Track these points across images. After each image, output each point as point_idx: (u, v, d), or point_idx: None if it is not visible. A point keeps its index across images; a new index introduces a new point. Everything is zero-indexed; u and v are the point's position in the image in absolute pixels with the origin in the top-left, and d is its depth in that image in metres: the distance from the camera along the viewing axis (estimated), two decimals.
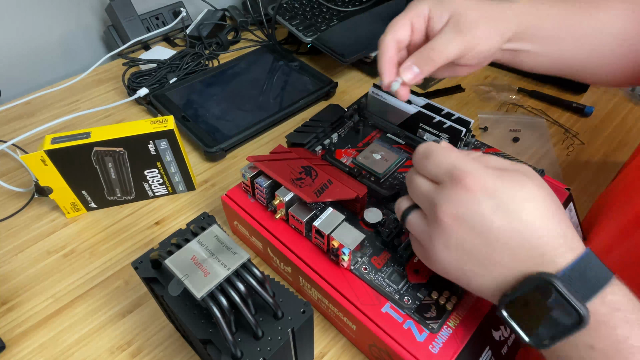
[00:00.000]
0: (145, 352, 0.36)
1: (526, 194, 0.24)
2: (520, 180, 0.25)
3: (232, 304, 0.25)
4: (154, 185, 0.47)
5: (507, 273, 0.24)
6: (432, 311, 0.31)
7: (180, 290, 0.28)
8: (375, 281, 0.33)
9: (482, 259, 0.25)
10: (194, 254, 0.26)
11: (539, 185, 0.25)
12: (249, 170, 0.38)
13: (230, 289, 0.25)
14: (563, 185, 0.40)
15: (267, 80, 0.63)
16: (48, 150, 0.40)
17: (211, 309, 0.24)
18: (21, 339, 0.37)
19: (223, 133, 0.54)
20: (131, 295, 0.40)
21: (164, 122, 0.42)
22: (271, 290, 0.26)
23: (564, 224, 0.24)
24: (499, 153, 0.42)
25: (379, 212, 0.37)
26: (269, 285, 0.26)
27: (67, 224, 0.46)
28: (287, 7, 0.71)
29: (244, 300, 0.25)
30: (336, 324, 0.36)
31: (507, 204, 0.24)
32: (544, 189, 0.25)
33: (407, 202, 0.30)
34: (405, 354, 0.29)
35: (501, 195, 0.24)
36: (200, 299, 0.24)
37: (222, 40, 0.71)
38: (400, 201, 0.30)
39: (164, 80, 0.62)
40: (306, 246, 0.36)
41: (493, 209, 0.24)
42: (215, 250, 0.27)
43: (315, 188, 0.36)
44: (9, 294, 0.40)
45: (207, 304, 0.24)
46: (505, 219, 0.24)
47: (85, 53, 0.73)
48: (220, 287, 0.25)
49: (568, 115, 0.60)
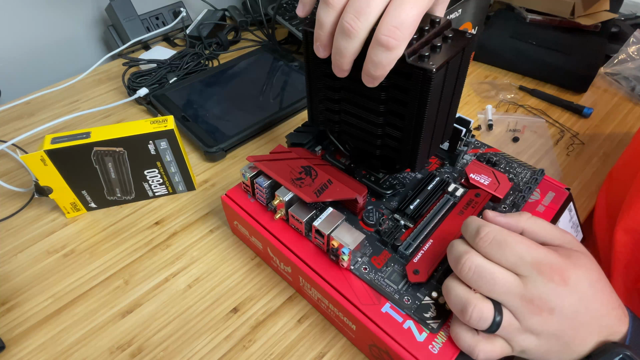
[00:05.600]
0: (145, 352, 0.36)
1: (594, 274, 0.27)
2: (585, 263, 0.27)
3: None
4: (154, 185, 0.47)
5: (585, 348, 0.27)
6: (432, 311, 0.31)
7: None
8: (375, 281, 0.33)
9: (569, 341, 0.27)
10: None
11: (593, 261, 0.28)
12: (249, 170, 0.38)
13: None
14: (563, 185, 0.40)
15: (267, 80, 0.63)
16: (48, 150, 0.40)
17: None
18: (21, 339, 0.37)
19: (223, 133, 0.54)
20: (131, 295, 0.40)
21: (164, 122, 0.42)
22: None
23: (615, 293, 0.28)
24: (498, 153, 0.42)
25: (379, 212, 0.37)
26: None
27: (67, 224, 0.46)
28: (287, 7, 0.71)
29: None
30: (336, 324, 0.36)
31: (585, 291, 0.26)
32: (595, 262, 0.28)
33: (486, 302, 0.26)
34: (405, 354, 0.29)
35: (582, 284, 0.26)
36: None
37: (222, 40, 0.71)
38: (477, 303, 0.26)
39: (164, 80, 0.62)
40: (306, 246, 0.36)
41: (579, 297, 0.26)
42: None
43: (315, 188, 0.36)
44: (9, 294, 0.40)
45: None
46: (585, 303, 0.26)
47: (85, 53, 0.73)
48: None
49: (568, 115, 0.60)
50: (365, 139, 0.37)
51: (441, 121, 0.35)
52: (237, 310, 0.39)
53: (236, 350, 0.36)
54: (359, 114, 0.35)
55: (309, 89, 0.38)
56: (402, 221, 0.37)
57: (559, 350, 0.27)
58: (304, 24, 0.33)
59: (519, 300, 0.26)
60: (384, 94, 0.32)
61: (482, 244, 0.27)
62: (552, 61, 0.63)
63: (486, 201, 0.37)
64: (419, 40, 0.30)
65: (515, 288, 0.26)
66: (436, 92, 0.30)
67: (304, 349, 0.36)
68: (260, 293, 0.40)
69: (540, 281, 0.26)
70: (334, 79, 0.35)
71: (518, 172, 0.41)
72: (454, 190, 0.39)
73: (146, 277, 0.41)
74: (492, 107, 0.60)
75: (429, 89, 0.29)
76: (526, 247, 0.26)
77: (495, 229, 0.27)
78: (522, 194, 0.38)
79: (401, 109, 0.32)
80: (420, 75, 0.29)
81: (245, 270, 0.42)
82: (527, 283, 0.26)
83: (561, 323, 0.26)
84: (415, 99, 0.30)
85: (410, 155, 0.34)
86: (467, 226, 0.29)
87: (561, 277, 0.26)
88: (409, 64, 0.29)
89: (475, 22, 0.64)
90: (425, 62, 0.29)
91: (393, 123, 0.34)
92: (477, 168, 0.40)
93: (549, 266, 0.26)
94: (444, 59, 0.29)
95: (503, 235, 0.27)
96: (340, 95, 0.36)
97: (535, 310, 0.26)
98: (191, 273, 0.42)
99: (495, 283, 0.26)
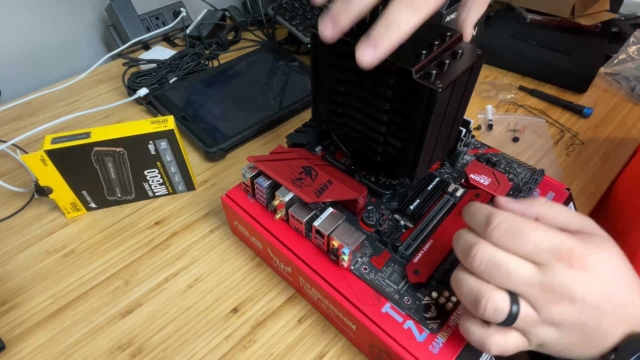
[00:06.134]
0: (145, 352, 0.36)
1: (617, 259, 0.25)
2: (608, 247, 0.25)
3: None
4: (154, 185, 0.47)
5: (609, 341, 0.25)
6: (432, 311, 0.31)
7: None
8: (375, 281, 0.33)
9: (592, 332, 0.25)
10: None
11: (615, 245, 0.26)
12: (249, 170, 0.38)
13: None
14: (563, 185, 0.40)
15: (267, 80, 0.63)
16: (48, 150, 0.40)
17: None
18: (21, 339, 0.37)
19: (223, 133, 0.54)
20: (131, 295, 0.40)
21: (164, 122, 0.42)
22: None
23: (638, 279, 0.26)
24: (498, 153, 0.42)
25: (379, 213, 0.37)
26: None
27: (67, 224, 0.46)
28: (287, 7, 0.71)
29: None
30: (336, 324, 0.36)
31: (608, 277, 0.25)
32: (617, 246, 0.26)
33: (500, 293, 0.25)
34: (405, 354, 0.29)
35: (604, 269, 0.25)
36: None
37: (222, 40, 0.71)
38: (491, 295, 0.25)
39: (164, 80, 0.62)
40: (306, 246, 0.36)
41: (602, 284, 0.24)
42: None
43: (315, 188, 0.36)
44: (9, 294, 0.40)
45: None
46: (609, 290, 0.24)
47: (85, 53, 0.73)
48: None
49: (568, 115, 0.60)
50: (367, 144, 0.37)
51: (444, 135, 0.34)
52: (237, 310, 0.39)
53: (236, 351, 0.36)
54: (362, 119, 0.35)
55: (314, 90, 0.38)
56: (402, 221, 0.37)
57: (580, 343, 0.25)
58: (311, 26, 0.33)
59: (537, 290, 0.24)
60: (388, 105, 0.32)
61: (496, 234, 0.25)
62: (552, 61, 0.63)
63: (486, 201, 0.37)
64: (428, 56, 0.29)
65: (533, 278, 0.24)
66: (440, 110, 0.30)
67: (304, 349, 0.36)
68: (260, 293, 0.40)
69: (559, 268, 0.24)
70: (340, 83, 0.35)
71: (518, 172, 0.41)
72: (454, 191, 0.39)
73: (146, 277, 0.41)
74: (492, 107, 0.60)
75: (433, 107, 0.29)
76: (543, 234, 0.24)
77: (507, 217, 0.25)
78: (522, 194, 0.38)
79: (404, 121, 0.32)
80: (425, 94, 0.29)
81: (245, 271, 0.42)
82: (546, 271, 0.24)
83: (583, 313, 0.24)
84: (418, 114, 0.30)
85: (410, 166, 0.34)
86: (474, 215, 0.27)
87: (582, 263, 0.24)
88: (415, 81, 0.29)
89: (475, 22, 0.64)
90: (431, 80, 0.28)
91: (395, 133, 0.34)
92: (477, 168, 0.40)
93: (568, 252, 0.24)
94: (451, 78, 0.29)
95: (516, 223, 0.25)
96: (345, 99, 0.36)
97: (554, 300, 0.24)
98: (191, 273, 0.42)
99: (511, 274, 0.24)
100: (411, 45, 0.30)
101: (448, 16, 0.57)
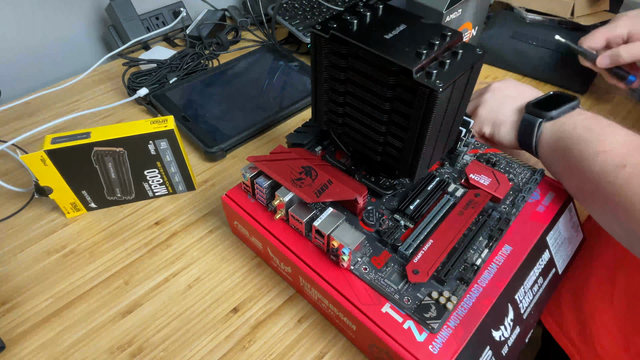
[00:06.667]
0: (145, 352, 0.36)
1: (513, 82, 0.46)
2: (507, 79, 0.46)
3: None
4: (154, 185, 0.47)
5: (517, 116, 0.42)
6: (432, 311, 0.31)
7: None
8: (375, 281, 0.33)
9: (500, 108, 0.44)
10: None
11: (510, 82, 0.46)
12: (249, 170, 0.38)
13: None
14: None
15: (267, 80, 0.63)
16: (48, 150, 0.40)
17: None
18: (21, 339, 0.37)
19: (223, 133, 0.54)
20: (131, 296, 0.40)
21: (164, 122, 0.42)
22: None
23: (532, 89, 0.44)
24: (498, 153, 0.42)
25: (379, 213, 0.37)
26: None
27: (67, 224, 0.46)
28: (287, 7, 0.71)
29: None
30: (336, 324, 0.36)
31: (509, 87, 0.45)
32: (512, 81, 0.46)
33: None
34: (405, 354, 0.29)
35: (507, 84, 0.45)
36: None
37: (222, 40, 0.71)
38: None
39: (164, 80, 0.62)
40: (306, 246, 0.36)
41: (503, 89, 0.44)
42: None
43: (315, 188, 0.36)
44: (9, 294, 0.40)
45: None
46: (505, 94, 0.44)
47: (85, 53, 0.73)
48: None
49: None
50: (367, 144, 0.37)
51: (444, 135, 0.34)
52: (237, 310, 0.39)
53: (236, 350, 0.36)
54: (362, 119, 0.35)
55: (314, 90, 0.38)
56: (402, 221, 0.37)
57: (498, 118, 0.43)
58: (311, 26, 0.33)
59: (477, 96, 0.47)
60: (388, 104, 0.32)
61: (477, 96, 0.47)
62: (552, 61, 0.63)
63: (486, 201, 0.37)
64: (429, 56, 0.29)
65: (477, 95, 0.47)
66: (440, 110, 0.30)
67: (304, 349, 0.36)
68: (260, 293, 0.40)
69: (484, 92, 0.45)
70: (340, 83, 0.35)
71: (518, 172, 0.41)
72: (454, 191, 0.39)
73: (146, 277, 0.41)
74: None
75: (433, 107, 0.29)
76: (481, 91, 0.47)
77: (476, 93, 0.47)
78: (522, 194, 0.38)
79: (404, 121, 0.32)
80: (425, 93, 0.29)
81: (245, 271, 0.42)
82: (483, 92, 0.46)
83: (494, 101, 0.44)
84: (419, 114, 0.30)
85: (410, 166, 0.34)
86: None
87: (492, 87, 0.45)
88: (416, 81, 0.29)
89: (475, 22, 0.64)
90: (431, 80, 0.28)
91: (395, 133, 0.34)
92: (477, 168, 0.40)
93: (487, 88, 0.46)
94: (451, 78, 0.29)
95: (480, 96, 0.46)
96: (345, 99, 0.36)
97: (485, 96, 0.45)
98: (191, 273, 0.42)
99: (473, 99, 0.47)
100: (411, 45, 0.30)
101: (448, 16, 0.57)
